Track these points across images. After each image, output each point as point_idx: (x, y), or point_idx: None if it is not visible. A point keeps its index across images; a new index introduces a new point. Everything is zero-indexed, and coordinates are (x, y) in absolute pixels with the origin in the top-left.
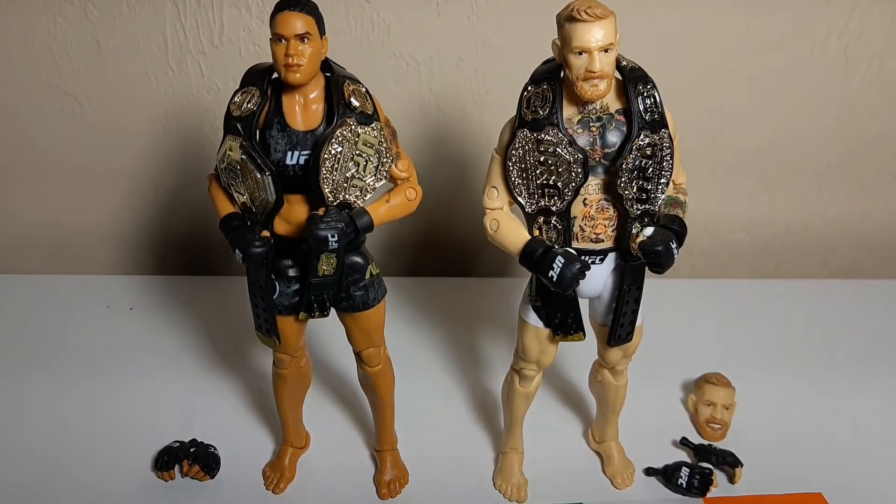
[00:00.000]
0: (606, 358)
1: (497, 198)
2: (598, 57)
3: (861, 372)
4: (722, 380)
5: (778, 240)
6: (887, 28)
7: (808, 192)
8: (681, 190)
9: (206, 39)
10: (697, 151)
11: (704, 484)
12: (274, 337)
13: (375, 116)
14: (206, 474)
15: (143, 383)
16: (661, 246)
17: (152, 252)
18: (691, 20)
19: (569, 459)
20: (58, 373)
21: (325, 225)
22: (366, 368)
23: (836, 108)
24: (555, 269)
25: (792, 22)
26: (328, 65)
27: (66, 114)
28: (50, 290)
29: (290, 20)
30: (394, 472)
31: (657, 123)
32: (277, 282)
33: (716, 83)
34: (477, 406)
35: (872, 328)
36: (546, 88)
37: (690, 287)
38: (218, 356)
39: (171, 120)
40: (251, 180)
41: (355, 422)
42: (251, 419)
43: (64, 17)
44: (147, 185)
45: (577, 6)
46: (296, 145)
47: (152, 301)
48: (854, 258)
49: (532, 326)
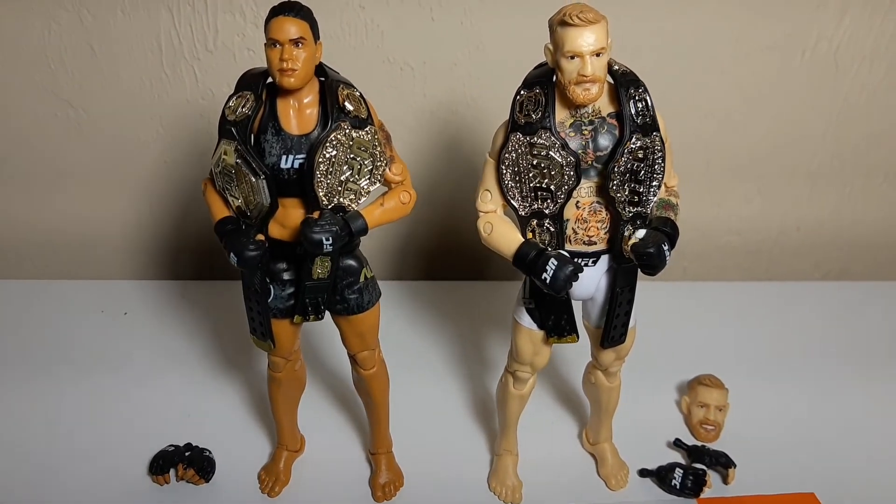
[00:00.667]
0: (600, 360)
1: (490, 201)
2: (590, 61)
3: (853, 373)
4: (715, 381)
5: (770, 242)
6: (877, 32)
7: (800, 195)
8: (673, 192)
9: (201, 44)
10: (690, 154)
11: (698, 485)
12: (269, 340)
13: (369, 120)
14: (201, 478)
15: (137, 387)
16: (653, 248)
17: (147, 257)
18: (683, 25)
19: (563, 461)
20: (53, 377)
21: (319, 228)
22: (360, 371)
23: (826, 111)
24: (548, 271)
25: (782, 26)
26: (322, 69)
27: (60, 119)
28: (44, 295)
29: (284, 25)
30: (389, 475)
31: (649, 127)
32: (272, 285)
33: (708, 87)
34: (471, 409)
35: (864, 330)
36: (539, 92)
37: (683, 289)
38: (213, 360)
39: (166, 125)
40: (246, 184)
41: (350, 425)
42: (246, 423)
43: (58, 22)
44: (141, 190)
45: (570, 11)
46: (290, 149)
47: (147, 305)
48: (846, 260)
49: (526, 328)
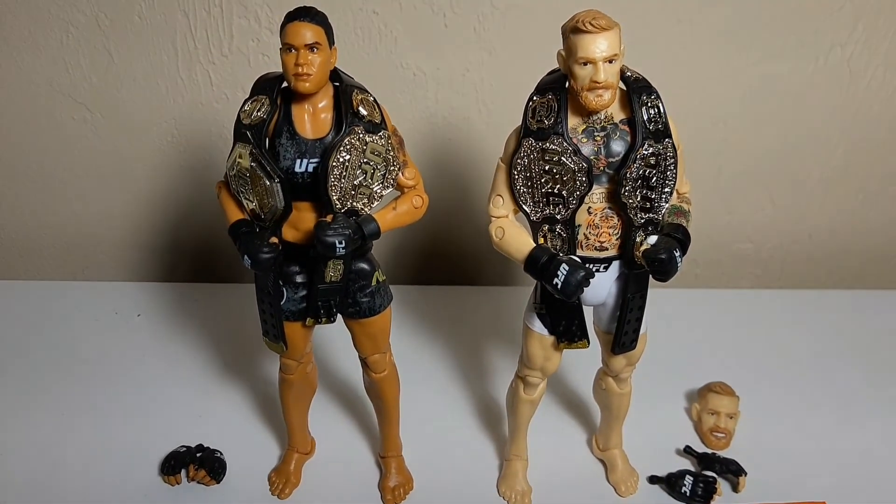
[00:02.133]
0: (610, 366)
1: (502, 206)
2: (602, 67)
3: (865, 381)
4: (726, 389)
5: (782, 249)
6: (891, 39)
7: (813, 202)
8: (685, 199)
9: (216, 49)
10: (702, 161)
11: (708, 492)
12: (281, 342)
13: (383, 125)
14: (212, 479)
15: (150, 388)
16: (665, 254)
17: (161, 259)
18: (695, 30)
19: (573, 467)
20: (66, 377)
21: (332, 231)
22: (371, 375)
23: (839, 117)
24: (559, 276)
25: (796, 32)
26: (337, 74)
27: (77, 122)
28: (59, 296)
29: (299, 30)
30: (398, 479)
31: (661, 133)
32: (285, 288)
33: (720, 93)
34: (481, 413)
35: (877, 338)
36: (551, 98)
37: (695, 296)
38: (225, 362)
39: (181, 128)
40: (260, 187)
41: (360, 428)
42: (257, 425)
43: (76, 26)
44: (156, 193)
45: (582, 17)
46: (305, 153)
47: (160, 307)
48: (859, 268)
49: (537, 334)
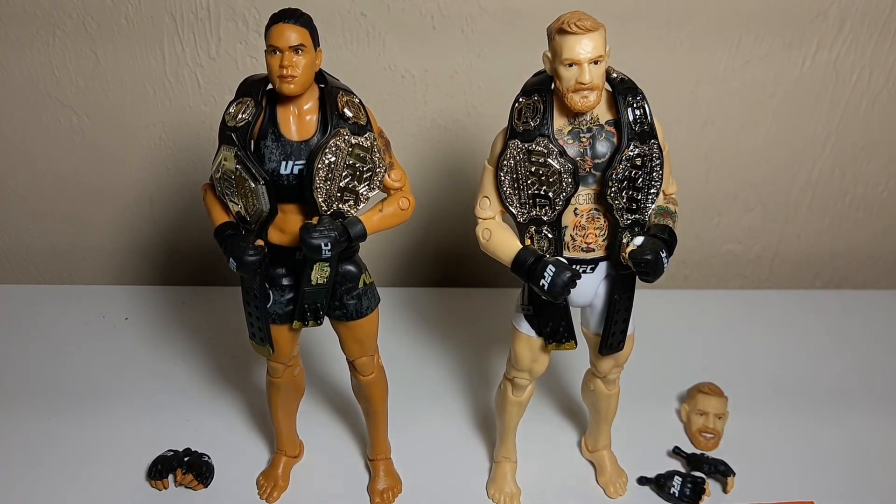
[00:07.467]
0: (598, 367)
1: (489, 207)
2: (588, 69)
3: (853, 382)
4: (714, 389)
5: (771, 250)
6: (876, 40)
7: (801, 203)
8: (671, 200)
9: (203, 52)
10: (690, 163)
11: (697, 493)
12: (267, 345)
13: (369, 127)
14: (199, 483)
15: (137, 392)
16: (651, 255)
17: (148, 262)
18: (682, 33)
19: (562, 468)
20: (52, 381)
21: (318, 234)
22: (359, 377)
23: (826, 119)
24: (546, 277)
25: (782, 35)
26: (322, 76)
27: (63, 125)
28: (46, 300)
29: (284, 32)
30: (387, 481)
31: (647, 134)
32: (271, 290)
33: (707, 95)
34: (470, 415)
35: (865, 339)
36: (537, 100)
37: (684, 297)
38: (212, 365)
39: (168, 131)
40: (245, 189)
41: (349, 431)
42: (245, 428)
43: (62, 29)
44: (143, 196)
45: (568, 19)
46: (290, 155)
47: (148, 311)
48: (846, 269)
49: (524, 335)
